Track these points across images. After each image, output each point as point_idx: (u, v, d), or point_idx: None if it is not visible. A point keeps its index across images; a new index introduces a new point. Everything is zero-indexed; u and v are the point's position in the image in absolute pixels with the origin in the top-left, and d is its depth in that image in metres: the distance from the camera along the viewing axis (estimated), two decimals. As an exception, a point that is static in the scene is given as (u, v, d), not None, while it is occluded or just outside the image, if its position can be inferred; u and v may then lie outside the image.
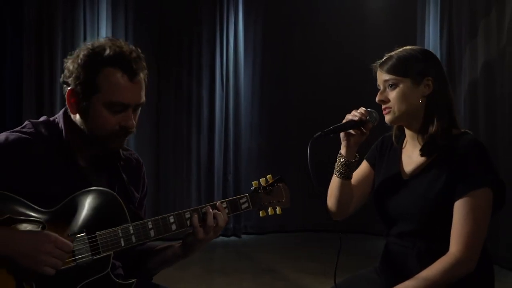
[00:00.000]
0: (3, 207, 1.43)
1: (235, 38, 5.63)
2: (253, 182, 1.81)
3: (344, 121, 1.77)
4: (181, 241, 1.70)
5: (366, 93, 5.61)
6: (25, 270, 1.40)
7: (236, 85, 5.65)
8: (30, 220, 1.45)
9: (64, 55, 4.74)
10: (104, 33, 4.97)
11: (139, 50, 1.61)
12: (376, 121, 1.78)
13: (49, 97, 4.79)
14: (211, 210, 1.63)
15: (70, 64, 1.56)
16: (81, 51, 1.55)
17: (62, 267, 1.43)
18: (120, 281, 1.57)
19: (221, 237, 5.39)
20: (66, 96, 1.56)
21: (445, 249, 1.63)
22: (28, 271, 1.40)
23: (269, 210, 1.80)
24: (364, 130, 1.76)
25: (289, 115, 5.80)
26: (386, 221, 1.82)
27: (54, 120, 1.62)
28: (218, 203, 1.67)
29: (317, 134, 1.69)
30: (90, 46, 1.56)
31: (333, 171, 1.84)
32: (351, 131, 1.76)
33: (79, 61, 1.54)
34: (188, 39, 5.47)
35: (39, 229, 1.45)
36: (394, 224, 1.78)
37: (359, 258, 4.20)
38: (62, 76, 1.60)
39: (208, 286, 3.88)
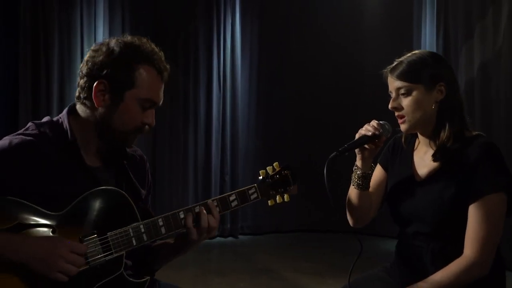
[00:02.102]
0: (11, 213, 1.42)
1: (232, 38, 5.63)
2: (260, 171, 1.78)
3: (357, 136, 1.76)
4: (174, 239, 1.69)
5: (364, 94, 5.71)
6: (38, 276, 1.39)
7: (233, 85, 5.65)
8: (40, 225, 1.43)
9: (61, 56, 4.81)
10: (101, 33, 4.96)
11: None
12: (389, 132, 1.77)
13: (45, 97, 4.77)
14: (205, 211, 1.62)
15: (99, 57, 1.54)
16: (114, 45, 1.55)
17: None
18: (134, 280, 1.56)
19: (218, 238, 5.39)
20: (93, 88, 1.53)
21: (458, 250, 1.65)
22: (41, 277, 1.39)
23: (277, 198, 1.78)
24: (378, 143, 1.75)
25: (286, 115, 5.81)
26: (399, 222, 1.83)
27: (58, 120, 1.60)
28: (209, 201, 1.64)
29: (332, 155, 1.67)
30: (121, 41, 1.57)
31: (350, 182, 1.84)
32: (366, 145, 1.75)
33: (115, 54, 1.54)
34: (185, 40, 5.47)
35: (50, 234, 1.44)
36: (407, 224, 1.78)
37: (352, 258, 4.21)
38: (84, 67, 1.57)
39: (205, 286, 3.88)
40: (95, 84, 1.54)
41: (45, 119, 1.62)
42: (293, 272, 4.22)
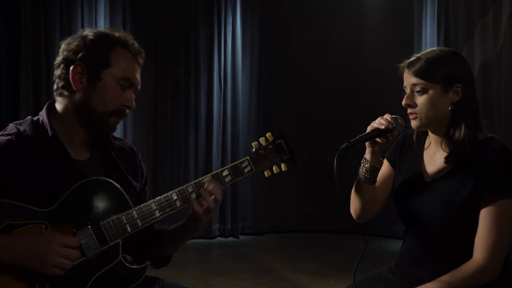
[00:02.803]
0: (1, 214, 1.43)
1: (232, 38, 5.62)
2: (252, 144, 1.71)
3: (369, 129, 1.70)
4: (183, 221, 1.69)
5: (365, 92, 5.69)
6: (34, 273, 1.40)
7: (234, 85, 5.65)
8: (31, 223, 1.44)
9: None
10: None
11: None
12: (402, 127, 1.72)
13: (46, 99, 4.77)
14: (209, 188, 1.58)
15: (73, 43, 1.60)
16: (87, 33, 1.61)
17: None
18: (133, 267, 1.57)
19: (218, 238, 5.39)
20: (70, 72, 1.56)
21: (466, 251, 1.64)
22: (38, 274, 1.41)
23: (273, 168, 1.70)
24: (390, 137, 1.71)
25: (286, 115, 5.80)
26: (406, 221, 1.81)
27: (38, 119, 1.62)
28: (206, 179, 1.60)
29: (343, 146, 1.64)
30: (95, 29, 1.63)
31: (356, 176, 1.80)
32: (377, 139, 1.70)
33: (89, 38, 1.59)
34: (186, 40, 5.46)
35: (43, 230, 1.45)
36: (414, 224, 1.77)
37: (354, 258, 4.22)
38: (59, 58, 1.61)
39: (207, 286, 3.88)
40: (71, 68, 1.57)
41: (26, 118, 1.63)
42: (294, 272, 4.22)
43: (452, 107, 1.67)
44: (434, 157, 1.76)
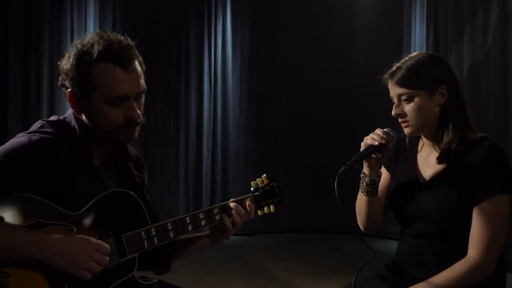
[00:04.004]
0: (32, 211, 1.42)
1: (223, 39, 5.63)
2: (251, 182, 1.87)
3: (363, 147, 1.74)
4: (208, 233, 1.77)
5: (357, 93, 5.70)
6: (61, 272, 1.40)
7: (224, 86, 5.65)
8: (59, 224, 1.45)
9: (51, 56, 4.77)
10: (91, 37, 4.92)
11: (129, 38, 1.58)
12: (395, 139, 1.77)
13: (35, 97, 4.73)
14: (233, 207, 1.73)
15: (64, 66, 1.55)
16: (71, 51, 1.54)
17: None
18: (144, 282, 1.60)
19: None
20: (67, 98, 1.55)
21: (463, 250, 1.66)
22: (65, 273, 1.41)
23: (265, 209, 1.86)
24: (384, 151, 1.75)
25: (277, 116, 5.81)
26: (402, 221, 1.84)
27: (65, 119, 1.60)
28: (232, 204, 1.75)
29: (341, 170, 1.66)
30: (79, 45, 1.54)
31: (359, 189, 1.84)
32: (373, 155, 1.74)
33: (71, 61, 1.53)
34: (177, 40, 5.46)
35: (69, 233, 1.45)
36: (411, 224, 1.79)
37: (346, 258, 4.25)
38: (59, 79, 1.58)
39: (199, 287, 3.88)
40: (67, 95, 1.55)
41: (54, 117, 1.62)
42: (287, 272, 4.24)
43: (439, 109, 1.71)
44: (428, 158, 1.79)
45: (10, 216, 1.40)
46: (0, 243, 1.35)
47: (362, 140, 1.76)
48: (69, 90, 1.54)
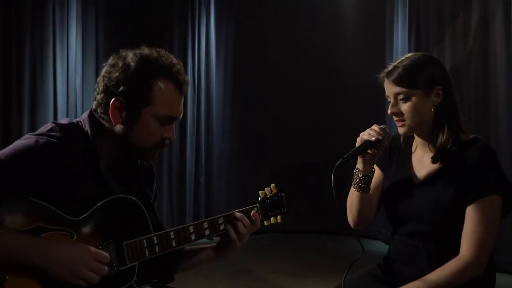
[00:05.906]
0: (32, 215, 1.40)
1: (206, 40, 5.62)
2: (259, 192, 1.83)
3: (359, 142, 1.77)
4: (214, 244, 1.75)
5: (341, 95, 5.73)
6: (58, 280, 1.38)
7: (208, 87, 5.65)
8: (59, 229, 1.42)
9: (32, 58, 4.71)
10: (74, 36, 4.86)
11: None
12: (390, 136, 1.80)
13: (16, 100, 4.66)
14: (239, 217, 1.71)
15: (115, 72, 1.51)
16: (130, 60, 1.51)
17: None
18: None
19: (194, 239, 5.37)
20: (110, 105, 1.51)
21: (455, 249, 1.70)
22: (61, 282, 1.38)
23: (272, 219, 1.84)
24: (380, 147, 1.78)
25: (262, 116, 5.82)
26: (395, 221, 1.87)
27: (78, 123, 1.57)
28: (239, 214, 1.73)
29: (338, 162, 1.69)
30: (138, 55, 1.52)
31: (351, 184, 1.86)
32: (368, 150, 1.77)
33: (130, 70, 1.50)
34: (160, 42, 5.40)
35: (69, 239, 1.43)
36: (403, 224, 1.82)
37: (330, 258, 4.29)
38: (100, 83, 1.54)
39: (184, 288, 3.88)
40: (111, 102, 1.51)
41: (66, 121, 1.59)
42: (272, 272, 4.25)
43: (434, 109, 1.74)
44: (422, 159, 1.82)
45: (10, 219, 1.37)
46: (0, 246, 1.33)
47: (346, 141, 1.81)
48: (115, 98, 1.50)
